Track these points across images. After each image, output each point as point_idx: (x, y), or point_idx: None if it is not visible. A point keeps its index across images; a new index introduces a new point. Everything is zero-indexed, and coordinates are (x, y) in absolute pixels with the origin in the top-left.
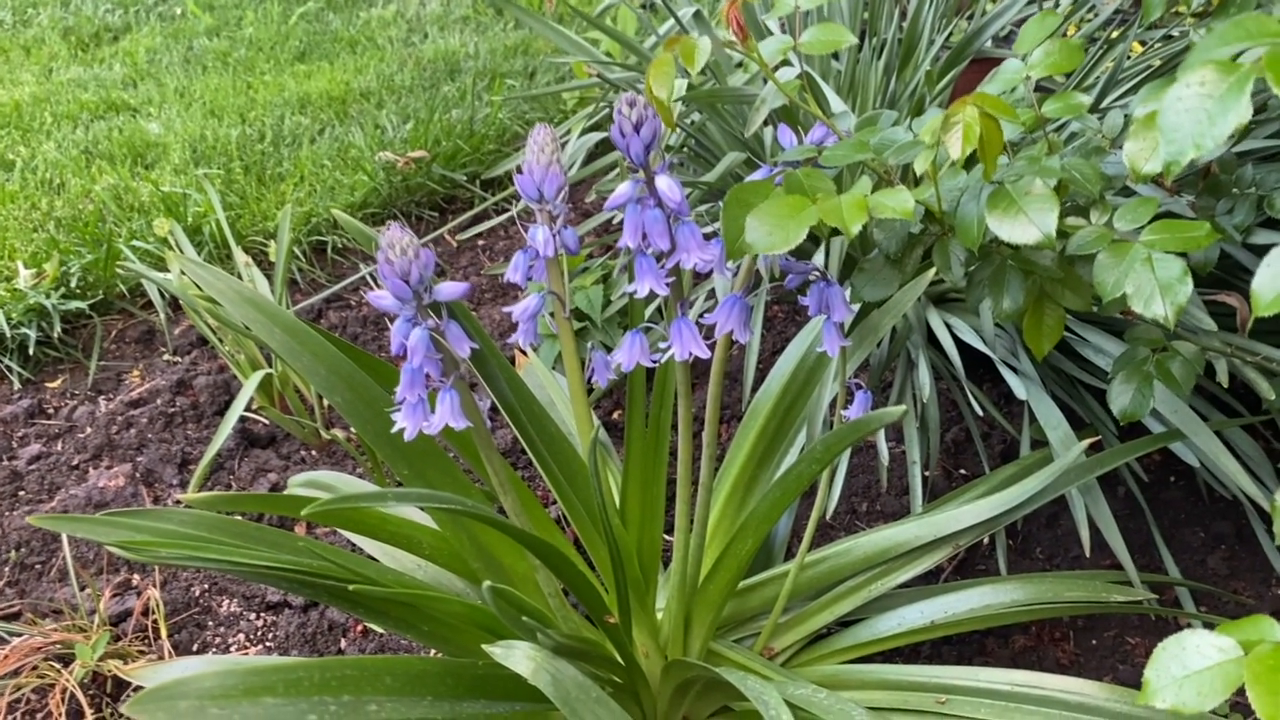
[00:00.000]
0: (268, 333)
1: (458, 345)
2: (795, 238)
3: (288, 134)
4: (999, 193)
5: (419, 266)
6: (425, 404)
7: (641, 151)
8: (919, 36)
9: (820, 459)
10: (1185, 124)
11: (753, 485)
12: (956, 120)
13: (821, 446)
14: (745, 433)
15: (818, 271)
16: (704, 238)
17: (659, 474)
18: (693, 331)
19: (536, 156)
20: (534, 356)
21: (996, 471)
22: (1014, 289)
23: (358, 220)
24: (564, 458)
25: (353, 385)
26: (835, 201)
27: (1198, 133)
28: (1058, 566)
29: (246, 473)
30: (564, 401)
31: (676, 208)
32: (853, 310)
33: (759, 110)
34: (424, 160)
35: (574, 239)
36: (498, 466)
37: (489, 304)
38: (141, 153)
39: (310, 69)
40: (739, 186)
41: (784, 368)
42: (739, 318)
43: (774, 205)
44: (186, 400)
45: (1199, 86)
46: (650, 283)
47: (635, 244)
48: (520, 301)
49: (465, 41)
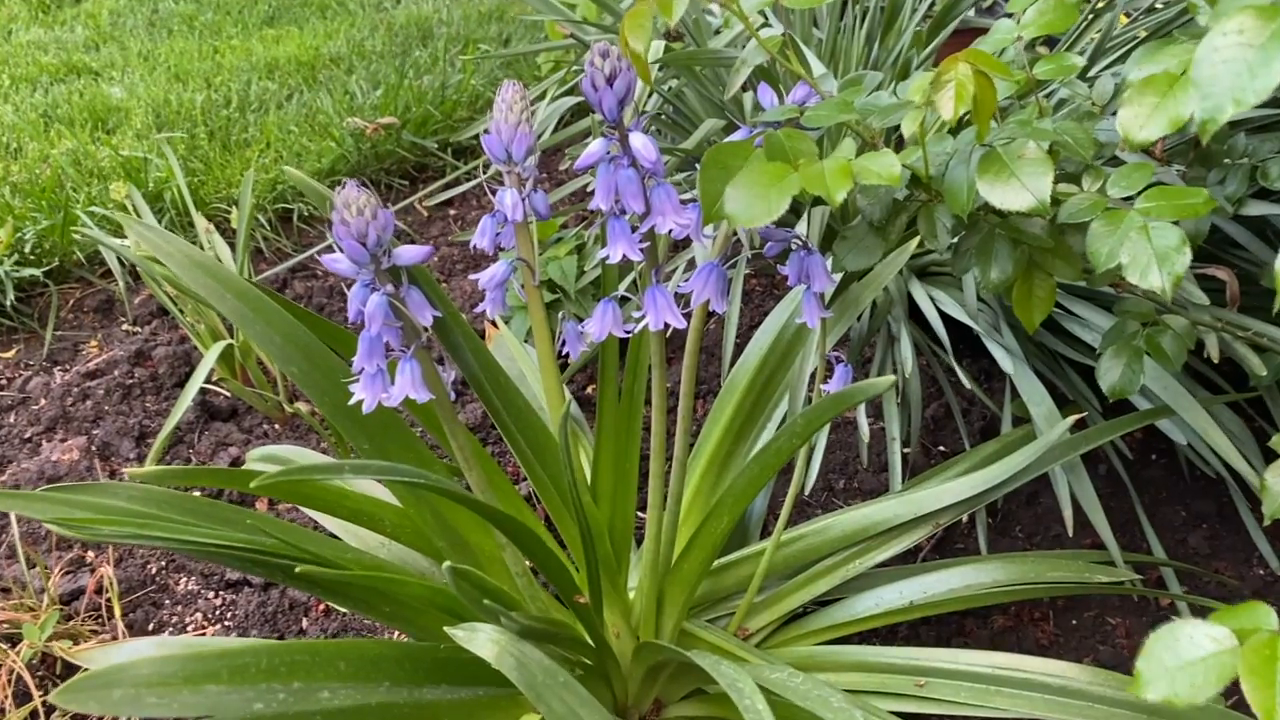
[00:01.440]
0: (219, 299)
1: (419, 313)
2: (777, 208)
3: (254, 99)
4: (990, 156)
5: (376, 228)
6: (385, 375)
7: (615, 106)
8: (902, 2)
9: (800, 434)
10: (1222, 77)
11: (729, 460)
12: (948, 79)
13: (802, 421)
14: (722, 406)
15: (798, 240)
16: (680, 203)
17: (632, 449)
18: (668, 300)
19: (505, 115)
20: (504, 329)
21: (977, 448)
22: (1002, 258)
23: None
24: (533, 432)
25: (309, 355)
26: (818, 167)
27: (1237, 86)
28: (1038, 545)
29: (206, 446)
30: (536, 375)
31: (651, 167)
32: (834, 280)
33: (739, 72)
34: (394, 127)
35: (544, 203)
36: (462, 440)
37: (460, 275)
38: (102, 117)
39: (279, 33)
40: (717, 147)
41: (762, 340)
42: (716, 286)
43: (754, 173)
44: (145, 371)
45: (1237, 35)
46: (623, 247)
47: (608, 206)
48: (487, 269)
49: (439, 7)
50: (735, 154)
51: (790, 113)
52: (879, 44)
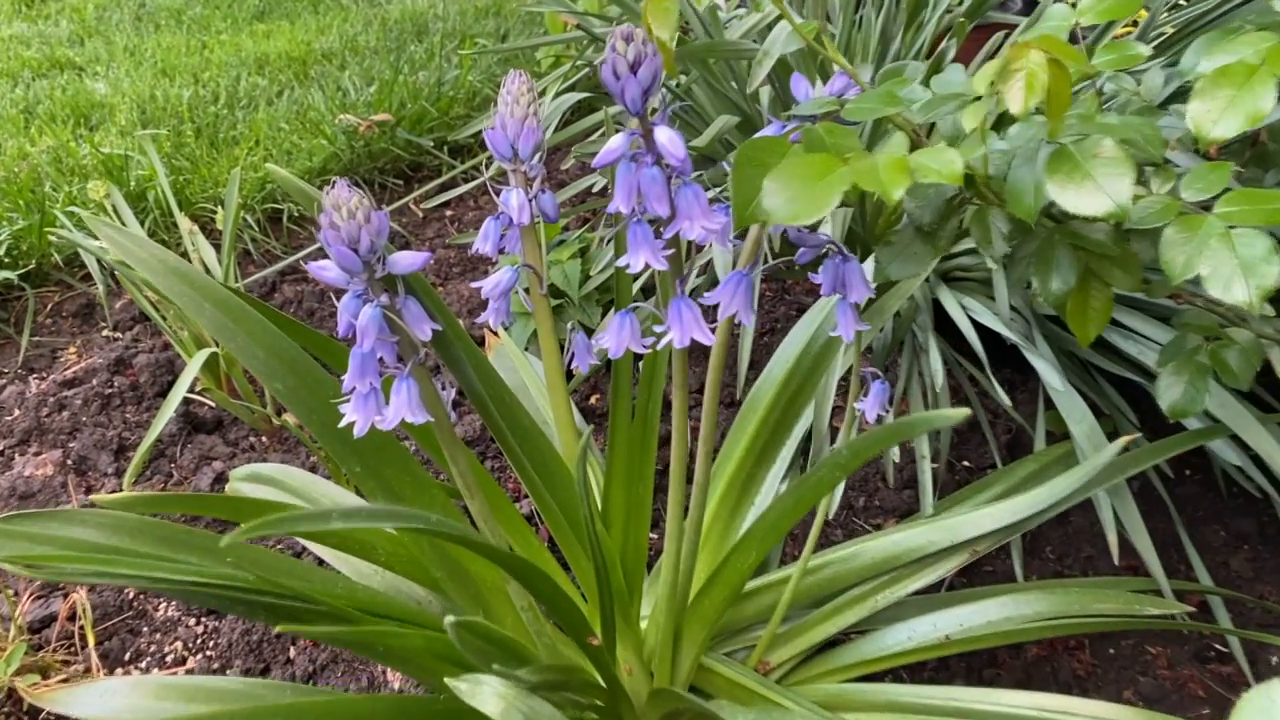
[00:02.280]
0: (196, 309)
1: (417, 326)
2: (826, 204)
3: (243, 95)
4: (1061, 154)
5: (369, 232)
6: (378, 394)
7: (639, 96)
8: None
9: (845, 465)
10: None
11: (750, 483)
12: (1018, 67)
13: (848, 452)
14: (743, 424)
15: (833, 245)
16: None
17: (646, 470)
18: (695, 314)
19: (510, 108)
20: (505, 337)
21: (1012, 467)
22: (1064, 267)
23: (316, 186)
24: (540, 455)
25: (296, 370)
26: (870, 162)
27: None
28: (1069, 567)
29: (189, 461)
30: (538, 386)
31: (678, 166)
32: (872, 290)
33: (761, 64)
34: (388, 124)
35: (552, 204)
36: (463, 465)
37: (457, 278)
38: (85, 113)
39: (270, 28)
40: (751, 143)
41: (788, 352)
42: (744, 298)
43: (798, 165)
44: (126, 380)
45: None
46: (645, 255)
47: (628, 209)
48: (490, 276)
49: (434, 2)
50: (771, 150)
51: (829, 105)
52: (900, 39)
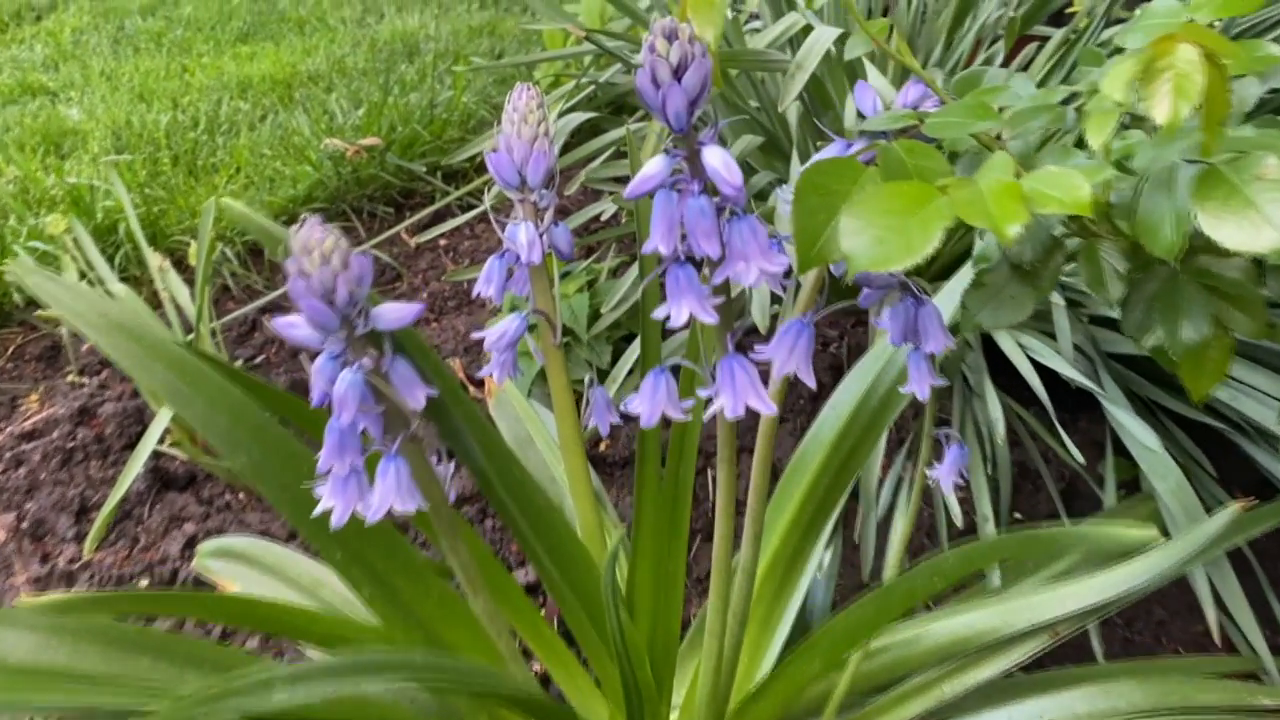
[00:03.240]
0: (145, 370)
1: (407, 392)
2: (923, 245)
3: (224, 120)
4: (1212, 177)
5: (348, 280)
6: (361, 475)
7: (684, 110)
8: (973, 2)
9: (949, 574)
10: None
11: (797, 559)
12: (1164, 66)
13: (956, 558)
14: (788, 491)
15: (906, 285)
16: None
17: (677, 543)
18: (750, 376)
19: (517, 127)
20: (509, 382)
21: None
22: (1196, 312)
23: (301, 215)
24: (556, 538)
25: (263, 439)
26: (973, 190)
27: None
28: (1140, 632)
29: (158, 522)
30: (545, 439)
31: (732, 196)
32: (952, 339)
33: (794, 78)
34: (377, 149)
35: (567, 239)
36: (465, 559)
37: (452, 313)
38: (57, 141)
39: (254, 50)
40: (815, 167)
41: (840, 408)
42: (804, 352)
43: (884, 196)
44: (90, 432)
45: None
46: (690, 305)
47: (669, 249)
48: (494, 325)
49: (425, 22)
50: (842, 175)
51: (905, 120)
52: (942, 45)
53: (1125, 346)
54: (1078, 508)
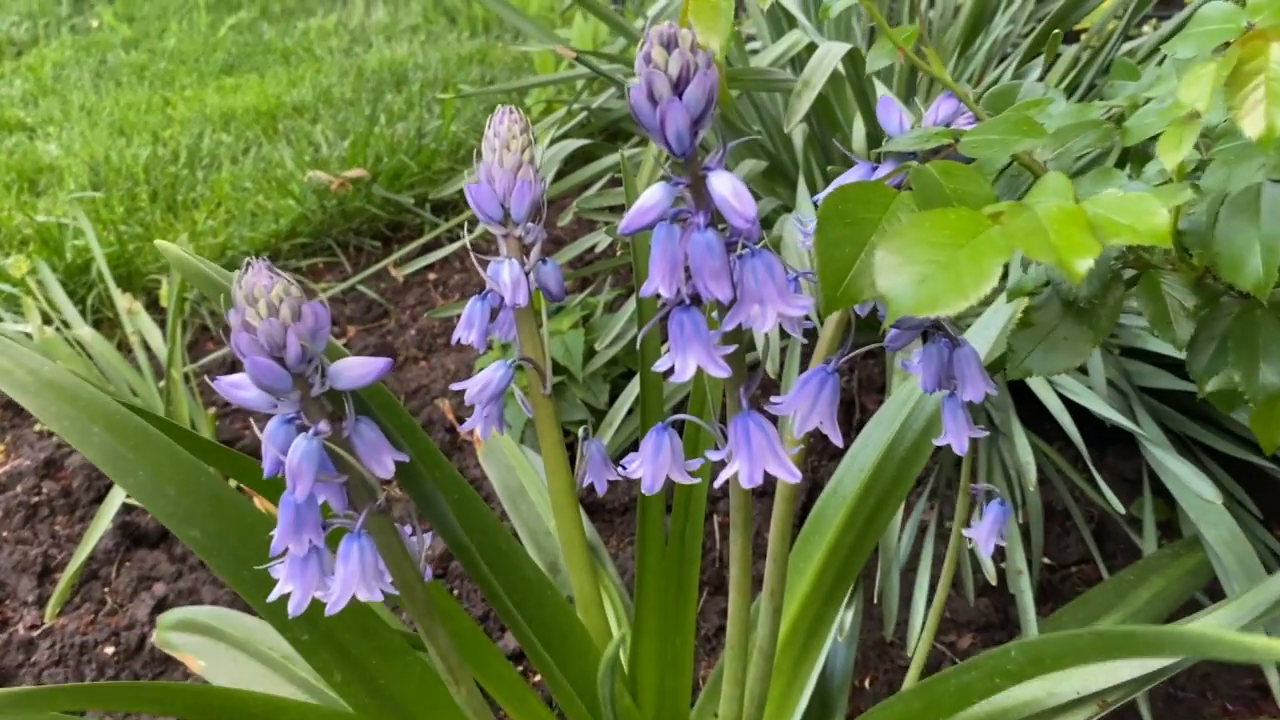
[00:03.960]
0: (82, 435)
1: (373, 459)
2: (976, 285)
3: (206, 154)
4: None
5: (301, 333)
6: (322, 554)
7: (685, 129)
8: (993, 10)
9: (1016, 673)
10: None
11: (818, 627)
12: (1254, 70)
13: (1023, 656)
14: (806, 552)
15: (940, 324)
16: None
17: (684, 616)
18: (768, 437)
19: (499, 155)
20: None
21: (1127, 580)
22: (1274, 354)
23: (283, 251)
24: (547, 613)
25: (219, 511)
26: (1030, 218)
27: None
28: (1184, 687)
29: (126, 583)
30: (539, 489)
31: (744, 229)
32: (993, 386)
33: (801, 96)
34: (363, 180)
35: (556, 278)
36: (444, 645)
37: (441, 351)
38: (32, 177)
39: (238, 82)
40: (840, 192)
41: (862, 461)
42: (828, 404)
43: (925, 226)
44: (57, 485)
45: None
46: (698, 356)
47: (671, 292)
48: (476, 375)
49: (414, 51)
50: (868, 201)
51: (939, 138)
52: (958, 57)
53: (1159, 380)
54: (1109, 550)
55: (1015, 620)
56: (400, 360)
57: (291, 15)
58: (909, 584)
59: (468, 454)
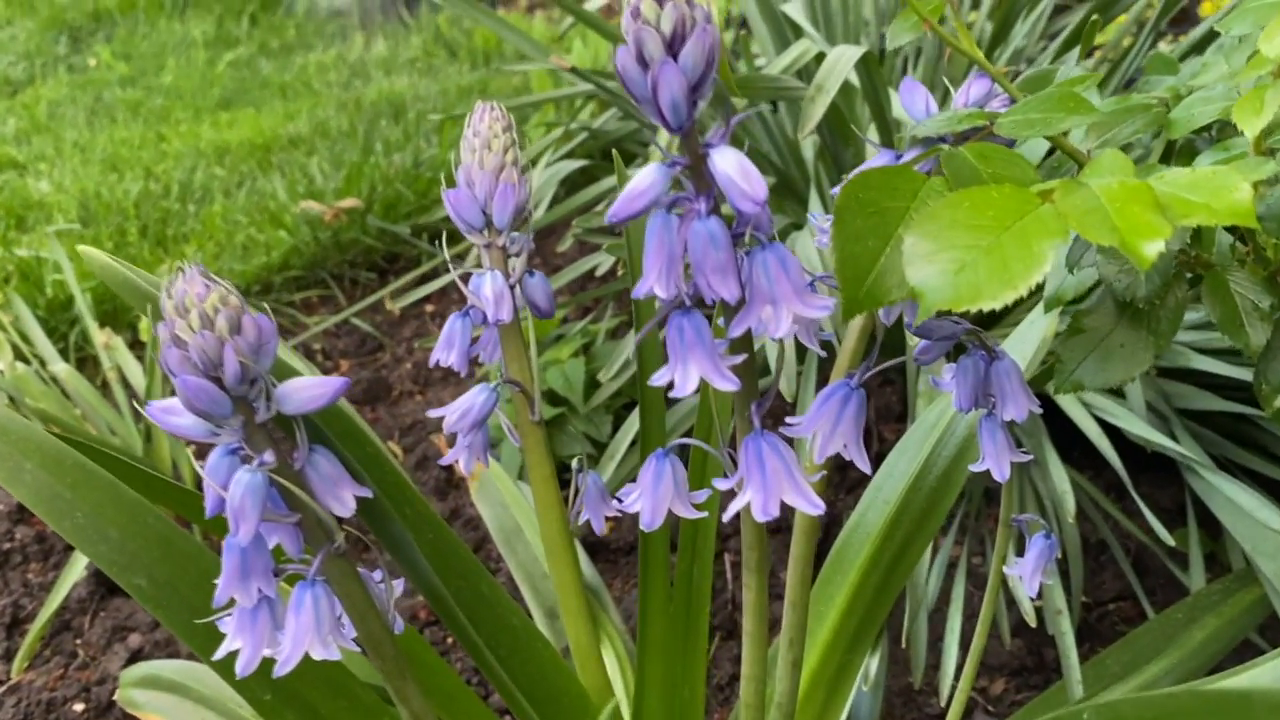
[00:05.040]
0: (12, 472)
1: (329, 494)
2: (1026, 272)
3: (198, 188)
4: None
5: (240, 349)
6: (273, 605)
7: (682, 97)
8: (1010, 22)
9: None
10: None
11: (842, 676)
12: None
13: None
14: (827, 594)
15: (977, 333)
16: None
17: (692, 667)
18: (784, 461)
19: (479, 156)
20: (493, 463)
21: (1176, 620)
22: None
23: (276, 284)
24: (534, 669)
25: (169, 555)
26: (1087, 196)
27: None
28: None
29: (99, 635)
30: (534, 527)
31: (752, 213)
32: (1037, 403)
33: (815, 101)
34: (357, 210)
35: (545, 290)
36: (418, 709)
37: (439, 385)
38: (20, 214)
39: (234, 116)
40: (862, 177)
41: (887, 492)
42: (852, 424)
43: (962, 207)
44: (30, 530)
45: None
46: (701, 366)
47: (668, 291)
48: (457, 400)
49: (414, 84)
50: (894, 188)
51: (971, 120)
52: (987, 53)
53: (1198, 402)
54: (1148, 586)
55: (1050, 663)
56: (395, 395)
57: (290, 51)
58: (936, 625)
59: (464, 492)
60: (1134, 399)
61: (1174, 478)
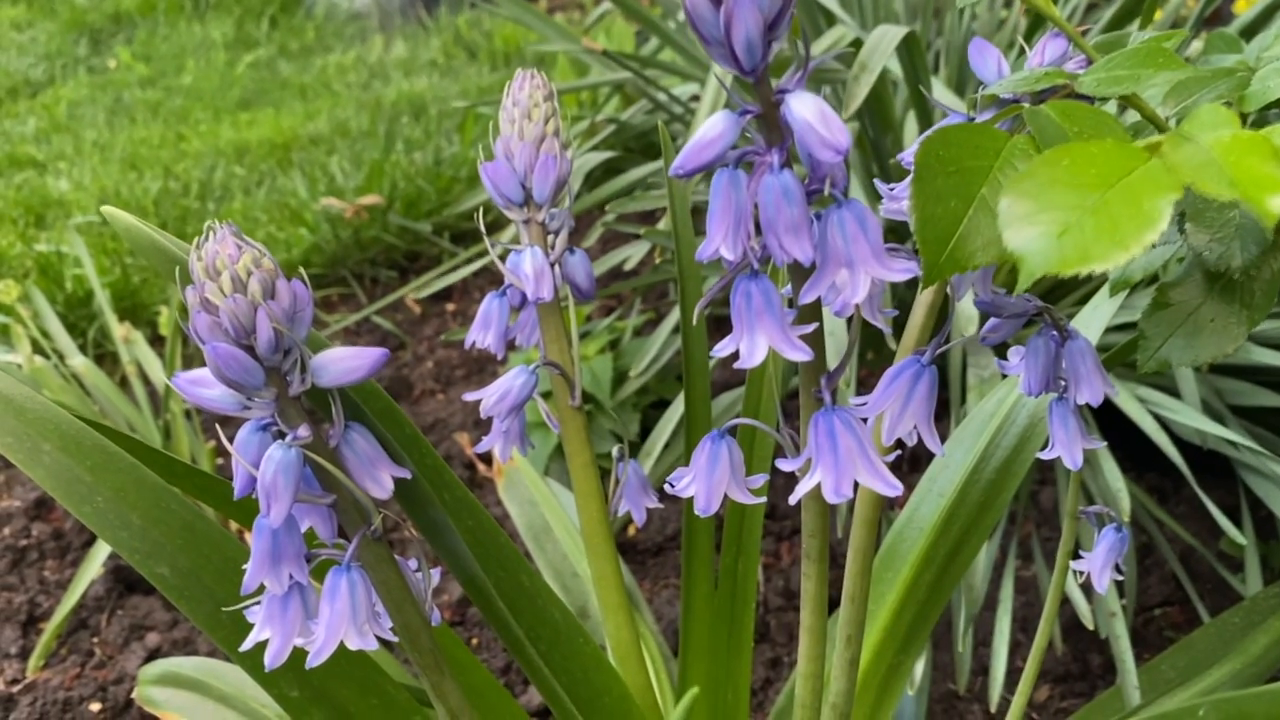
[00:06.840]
0: (29, 453)
1: (366, 474)
2: (1138, 231)
3: (218, 186)
4: None
5: (274, 314)
6: (305, 592)
7: (757, 34)
8: None
9: None
10: None
11: (893, 678)
12: None
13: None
14: (878, 593)
15: (1049, 311)
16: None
17: (738, 666)
18: (857, 438)
19: (519, 126)
20: (520, 459)
21: (1235, 632)
22: None
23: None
24: (577, 664)
25: (194, 543)
26: (1198, 149)
27: None
28: None
29: (116, 633)
30: (565, 526)
31: (833, 161)
32: (1113, 387)
33: (859, 80)
34: (378, 208)
35: (586, 270)
36: (456, 706)
37: (461, 383)
38: (40, 212)
39: (253, 117)
40: (940, 134)
41: (942, 484)
42: (924, 403)
43: (1061, 165)
44: (47, 527)
45: None
46: (769, 336)
47: (735, 253)
48: (494, 383)
49: (433, 85)
50: (975, 146)
51: (1050, 79)
52: (1017, 54)
53: (1253, 399)
54: (1198, 589)
55: (1096, 669)
56: (416, 393)
57: (310, 52)
58: (982, 627)
59: (488, 491)
60: (1189, 394)
61: (1223, 480)
